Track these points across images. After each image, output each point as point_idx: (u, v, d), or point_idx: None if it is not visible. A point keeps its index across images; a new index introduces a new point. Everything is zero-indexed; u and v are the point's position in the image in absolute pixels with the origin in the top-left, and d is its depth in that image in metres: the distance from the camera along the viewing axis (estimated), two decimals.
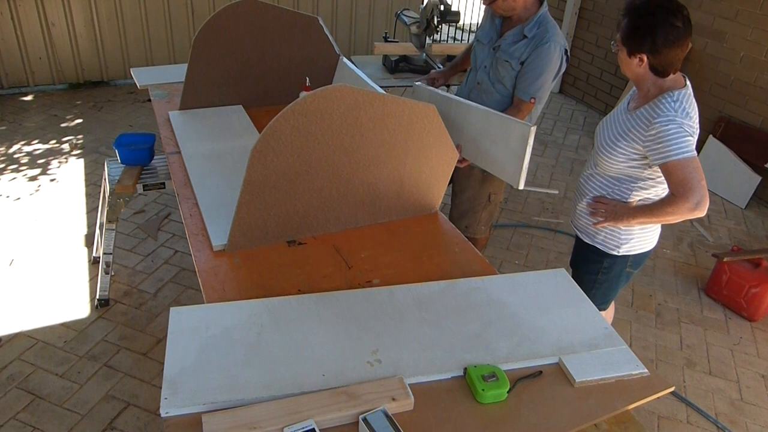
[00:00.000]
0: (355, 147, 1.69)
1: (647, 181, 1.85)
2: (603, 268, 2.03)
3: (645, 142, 1.73)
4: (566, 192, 4.17)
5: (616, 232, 1.94)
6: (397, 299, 1.55)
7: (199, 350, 1.33)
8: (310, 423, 1.15)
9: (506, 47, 2.28)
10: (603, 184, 1.94)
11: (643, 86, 1.80)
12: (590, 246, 2.03)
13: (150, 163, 2.68)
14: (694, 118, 1.72)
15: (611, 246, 1.97)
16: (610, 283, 2.07)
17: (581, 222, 2.04)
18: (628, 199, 1.89)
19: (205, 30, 2.43)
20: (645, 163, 1.80)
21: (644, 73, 1.76)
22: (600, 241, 1.99)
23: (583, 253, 2.08)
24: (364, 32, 6.24)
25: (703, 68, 4.45)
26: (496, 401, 1.27)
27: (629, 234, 1.94)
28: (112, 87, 5.41)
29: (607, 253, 1.99)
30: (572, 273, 2.19)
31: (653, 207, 1.79)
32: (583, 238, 2.05)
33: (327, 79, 2.79)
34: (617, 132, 1.84)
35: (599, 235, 1.98)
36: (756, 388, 2.62)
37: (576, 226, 2.09)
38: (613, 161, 1.85)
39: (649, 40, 1.67)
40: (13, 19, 4.80)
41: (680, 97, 1.71)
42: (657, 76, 1.74)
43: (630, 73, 1.80)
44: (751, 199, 4.14)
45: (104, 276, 2.71)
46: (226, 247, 1.72)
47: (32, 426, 2.18)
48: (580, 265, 2.13)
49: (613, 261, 2.00)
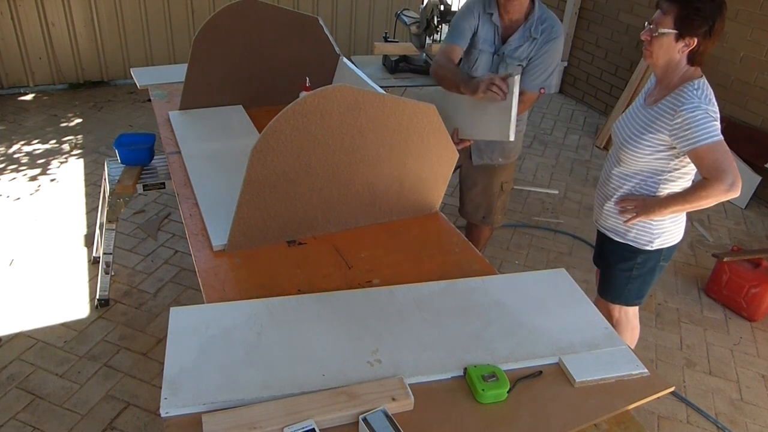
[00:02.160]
0: (355, 147, 1.69)
1: (673, 173, 1.86)
2: (637, 264, 2.03)
3: (672, 130, 1.75)
4: (566, 192, 4.17)
5: (648, 227, 1.94)
6: (397, 299, 1.55)
7: (199, 350, 1.33)
8: (310, 423, 1.15)
9: (511, 52, 2.29)
10: (627, 180, 1.95)
11: (669, 75, 1.81)
12: (622, 244, 2.02)
13: (150, 163, 2.68)
14: (715, 104, 1.75)
15: (644, 242, 1.97)
16: (644, 277, 2.07)
17: (609, 222, 2.04)
18: (656, 193, 1.90)
19: (205, 30, 2.43)
20: (672, 154, 1.81)
21: (680, 59, 1.77)
22: (632, 239, 1.99)
23: (614, 251, 2.07)
24: (364, 32, 6.24)
25: (703, 68, 4.44)
26: (496, 401, 1.27)
27: (661, 228, 1.94)
28: (112, 87, 5.41)
29: (641, 249, 1.99)
30: (601, 272, 2.19)
31: (686, 194, 1.79)
32: (614, 237, 2.04)
33: (327, 79, 2.79)
34: (640, 126, 1.85)
35: (631, 232, 1.98)
36: (756, 388, 2.62)
37: (604, 227, 2.08)
38: (639, 155, 1.85)
39: (709, 23, 1.69)
40: (13, 19, 4.80)
41: (701, 86, 1.75)
42: (689, 63, 1.77)
43: (664, 60, 1.79)
44: (751, 199, 4.14)
45: (104, 276, 2.71)
46: (226, 247, 1.72)
47: (32, 426, 2.18)
48: (612, 264, 2.10)
49: (647, 256, 2.00)
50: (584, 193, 4.17)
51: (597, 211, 2.11)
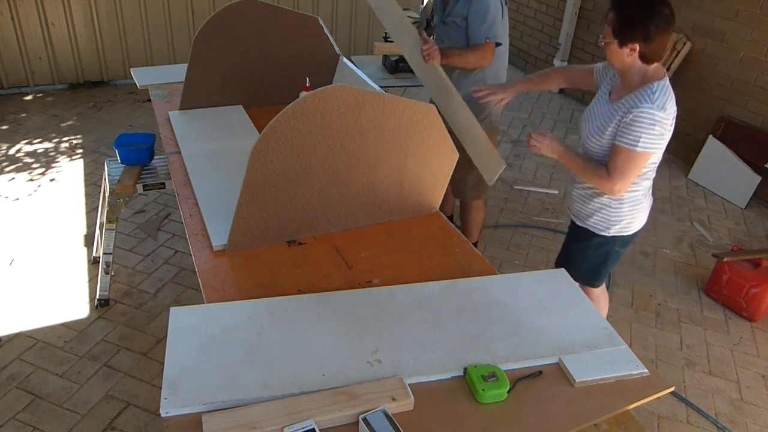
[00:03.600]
0: (355, 147, 1.69)
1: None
2: (593, 245, 2.15)
3: (620, 124, 1.84)
4: (566, 192, 4.16)
5: (607, 215, 2.05)
6: (397, 299, 1.55)
7: (199, 350, 1.33)
8: (310, 423, 1.15)
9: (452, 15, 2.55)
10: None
11: (629, 76, 1.89)
12: (582, 228, 2.15)
13: (150, 163, 2.68)
14: (669, 110, 1.82)
15: (601, 228, 2.09)
16: (599, 259, 2.18)
17: (574, 207, 2.16)
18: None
19: (205, 30, 2.43)
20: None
21: (632, 62, 1.85)
22: (591, 224, 2.11)
23: (576, 233, 2.20)
24: (364, 32, 6.24)
25: (703, 68, 4.44)
26: (496, 401, 1.27)
27: (619, 217, 2.04)
28: (112, 87, 5.41)
29: (598, 234, 2.11)
30: (561, 250, 2.34)
31: (585, 166, 1.93)
32: (576, 221, 2.18)
33: (327, 79, 2.79)
34: (602, 121, 1.93)
35: (591, 218, 2.10)
36: (756, 388, 2.62)
37: (570, 210, 2.22)
38: (602, 148, 1.94)
39: (642, 29, 1.77)
40: (13, 19, 4.80)
41: (659, 89, 1.81)
42: (644, 63, 1.84)
43: (618, 64, 1.89)
44: (751, 199, 4.13)
45: (104, 276, 2.71)
46: (226, 247, 1.72)
47: (32, 426, 2.18)
48: (571, 243, 2.25)
49: (602, 240, 2.12)
50: None
51: (567, 196, 2.25)
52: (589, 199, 2.06)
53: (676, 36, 4.49)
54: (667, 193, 4.28)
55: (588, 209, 2.09)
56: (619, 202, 2.01)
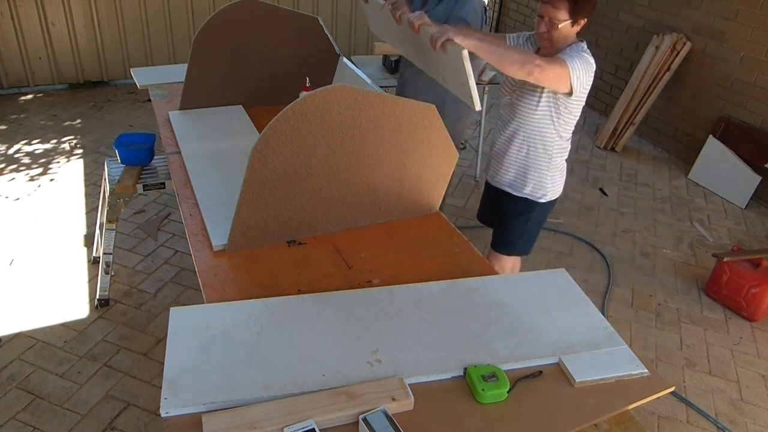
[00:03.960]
0: (355, 147, 1.69)
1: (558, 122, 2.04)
2: (532, 216, 2.24)
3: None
4: (566, 192, 4.16)
5: (542, 182, 2.16)
6: (397, 299, 1.55)
7: (199, 350, 1.33)
8: (310, 423, 1.15)
9: (429, 11, 2.44)
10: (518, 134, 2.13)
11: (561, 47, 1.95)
12: (519, 198, 2.21)
13: (150, 163, 2.68)
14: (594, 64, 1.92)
15: (538, 195, 2.18)
16: (536, 228, 2.30)
17: (507, 177, 2.21)
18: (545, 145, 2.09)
19: (205, 30, 2.43)
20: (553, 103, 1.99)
21: (573, 34, 1.94)
22: (528, 193, 2.19)
23: (512, 206, 2.25)
24: (364, 32, 6.24)
25: (703, 68, 4.45)
26: (496, 401, 1.27)
27: (553, 182, 2.18)
28: (112, 87, 5.41)
29: (536, 201, 2.20)
30: (497, 227, 2.38)
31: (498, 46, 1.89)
32: (512, 192, 2.22)
33: (327, 79, 2.79)
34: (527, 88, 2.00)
35: (527, 187, 2.18)
36: (756, 388, 2.62)
37: (502, 183, 2.24)
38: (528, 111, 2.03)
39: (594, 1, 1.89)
40: (13, 19, 4.80)
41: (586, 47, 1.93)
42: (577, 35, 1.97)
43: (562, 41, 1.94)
44: (751, 199, 4.13)
45: (104, 276, 2.71)
46: (226, 247, 1.72)
47: (32, 426, 2.18)
48: (510, 218, 2.29)
49: (540, 208, 2.22)
50: (584, 193, 4.17)
51: (494, 170, 2.27)
52: (526, 168, 2.14)
53: (676, 36, 4.49)
54: (667, 193, 4.28)
55: (524, 179, 2.16)
56: (552, 168, 2.13)
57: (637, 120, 4.75)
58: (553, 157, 2.11)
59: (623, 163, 4.68)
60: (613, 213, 3.97)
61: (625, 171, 4.58)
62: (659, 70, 4.58)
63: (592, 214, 3.93)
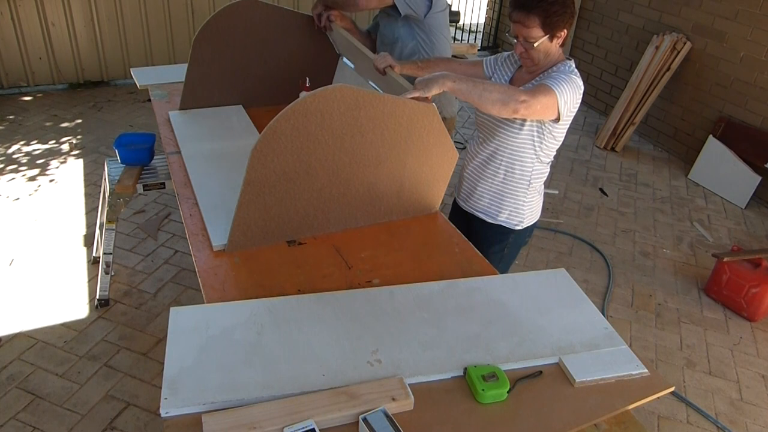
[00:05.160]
0: (355, 147, 1.69)
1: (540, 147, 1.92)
2: (509, 243, 2.12)
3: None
4: (566, 192, 4.17)
5: (520, 208, 2.04)
6: (397, 299, 1.55)
7: (199, 350, 1.33)
8: (310, 423, 1.15)
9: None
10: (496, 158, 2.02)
11: (544, 64, 1.87)
12: (494, 225, 2.09)
13: (150, 163, 2.68)
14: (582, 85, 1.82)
15: (515, 222, 2.06)
16: (513, 255, 2.19)
17: (482, 203, 2.08)
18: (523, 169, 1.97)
19: (205, 30, 2.43)
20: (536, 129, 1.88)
21: (555, 47, 1.84)
22: (504, 220, 2.07)
23: (486, 234, 2.12)
24: None
25: (703, 68, 4.45)
26: (496, 401, 1.27)
27: (531, 208, 2.06)
28: (112, 87, 5.41)
29: (512, 229, 2.07)
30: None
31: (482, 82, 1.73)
32: (486, 219, 2.09)
33: (327, 79, 2.79)
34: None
35: (502, 213, 2.06)
36: (756, 388, 2.62)
37: (476, 209, 2.11)
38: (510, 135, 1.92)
39: (568, 11, 1.77)
40: (13, 19, 4.80)
41: (573, 66, 1.84)
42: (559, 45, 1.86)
43: (543, 57, 1.84)
44: (751, 199, 4.14)
45: (104, 276, 2.71)
46: (226, 247, 1.72)
47: (32, 426, 2.18)
48: (485, 247, 2.12)
49: (516, 235, 2.10)
50: (584, 193, 4.18)
51: (466, 193, 2.14)
52: (502, 194, 2.02)
53: (676, 36, 4.49)
54: (667, 193, 4.28)
55: (500, 205, 2.04)
56: (530, 192, 2.01)
57: (637, 120, 4.76)
58: (531, 182, 1.99)
59: (623, 163, 4.69)
60: (613, 213, 3.97)
61: (625, 171, 4.58)
62: (659, 70, 4.58)
63: (592, 214, 3.93)
